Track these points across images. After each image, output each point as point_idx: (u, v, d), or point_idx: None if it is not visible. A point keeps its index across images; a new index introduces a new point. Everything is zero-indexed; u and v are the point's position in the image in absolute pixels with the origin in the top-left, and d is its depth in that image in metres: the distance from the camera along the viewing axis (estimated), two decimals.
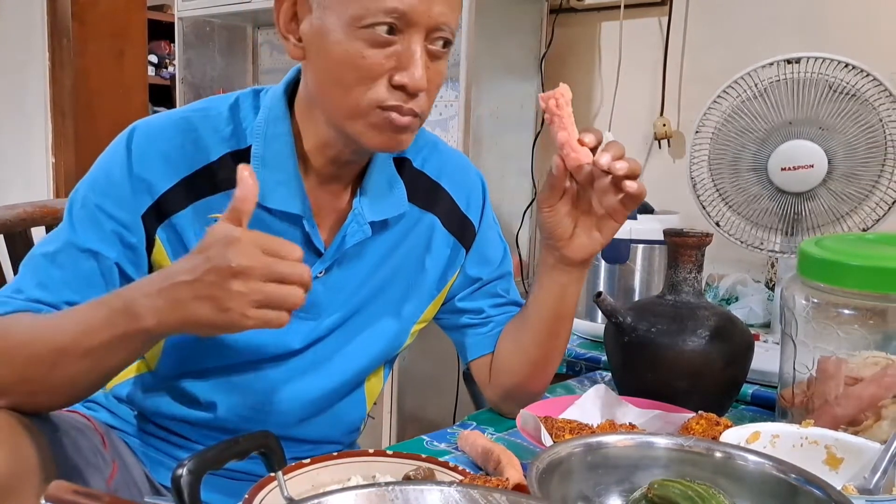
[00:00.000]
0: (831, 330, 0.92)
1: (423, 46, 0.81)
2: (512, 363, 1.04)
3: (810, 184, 1.33)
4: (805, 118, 1.33)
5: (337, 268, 0.93)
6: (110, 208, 0.85)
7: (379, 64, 0.80)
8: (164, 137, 0.87)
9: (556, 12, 2.10)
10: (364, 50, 0.80)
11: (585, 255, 0.94)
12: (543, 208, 0.92)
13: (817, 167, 1.31)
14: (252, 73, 2.73)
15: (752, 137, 1.37)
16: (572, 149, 0.87)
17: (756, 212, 1.40)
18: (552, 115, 0.87)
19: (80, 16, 3.28)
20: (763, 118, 1.36)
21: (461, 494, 0.59)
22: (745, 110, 1.37)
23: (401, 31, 0.80)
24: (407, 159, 1.00)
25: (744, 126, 1.38)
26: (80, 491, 0.56)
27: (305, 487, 0.78)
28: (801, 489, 0.67)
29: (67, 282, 0.82)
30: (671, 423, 0.94)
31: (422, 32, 0.81)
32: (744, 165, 1.39)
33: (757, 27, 1.83)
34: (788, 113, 1.33)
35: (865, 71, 1.28)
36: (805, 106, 1.32)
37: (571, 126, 0.87)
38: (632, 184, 0.85)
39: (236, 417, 0.94)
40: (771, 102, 1.35)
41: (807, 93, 1.32)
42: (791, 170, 1.32)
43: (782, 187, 1.35)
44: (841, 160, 1.32)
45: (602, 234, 0.92)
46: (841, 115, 1.31)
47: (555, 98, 0.87)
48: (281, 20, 0.86)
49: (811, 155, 1.31)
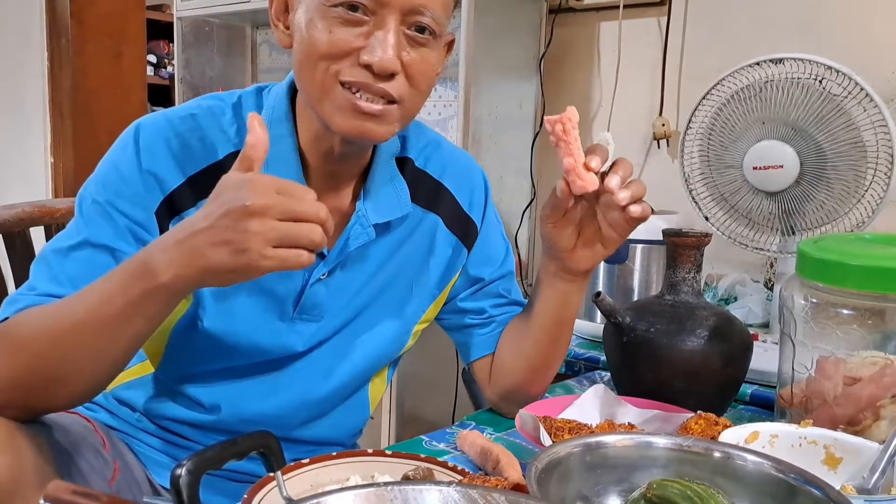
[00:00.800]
0: (830, 330, 0.92)
1: (398, 29, 0.80)
2: (512, 366, 1.04)
3: (781, 184, 1.33)
4: (778, 118, 1.33)
5: (340, 270, 0.93)
6: (123, 206, 0.84)
7: (346, 41, 0.80)
8: (171, 133, 0.87)
9: (555, 12, 2.10)
10: (334, 27, 0.80)
11: (588, 266, 0.94)
12: (546, 224, 0.91)
13: (787, 168, 1.31)
14: (251, 73, 2.73)
15: (731, 137, 1.38)
16: (579, 176, 0.85)
17: (741, 209, 1.41)
18: (558, 139, 0.85)
19: (79, 15, 3.27)
20: (741, 118, 1.37)
21: (460, 494, 0.59)
22: (729, 110, 1.38)
23: (373, 13, 0.79)
24: (409, 159, 1.00)
25: (725, 126, 1.39)
26: (78, 491, 0.56)
27: (304, 487, 0.78)
28: (799, 489, 0.67)
29: (82, 275, 0.80)
30: (670, 423, 0.94)
31: (395, 14, 0.79)
32: (726, 164, 1.41)
33: (756, 27, 1.83)
34: (765, 113, 1.34)
35: (846, 74, 1.28)
36: (779, 106, 1.33)
37: (578, 151, 0.85)
38: (636, 208, 0.85)
39: (238, 420, 0.94)
40: (751, 103, 1.36)
41: (784, 93, 1.32)
42: (762, 169, 1.33)
43: (757, 186, 1.36)
44: (812, 162, 1.32)
45: (605, 246, 0.91)
46: (815, 117, 1.31)
47: (561, 122, 0.85)
48: (273, 8, 0.87)
49: (782, 155, 1.32)
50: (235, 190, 0.68)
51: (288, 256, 0.68)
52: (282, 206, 0.68)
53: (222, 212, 0.68)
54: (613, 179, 0.84)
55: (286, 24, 0.86)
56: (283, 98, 0.90)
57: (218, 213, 0.68)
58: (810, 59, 1.29)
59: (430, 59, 0.84)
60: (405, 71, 0.82)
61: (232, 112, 0.90)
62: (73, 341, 0.74)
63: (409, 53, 0.81)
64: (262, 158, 0.71)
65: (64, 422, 0.86)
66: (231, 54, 2.68)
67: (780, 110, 1.32)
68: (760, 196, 1.38)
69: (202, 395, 0.93)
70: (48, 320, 0.76)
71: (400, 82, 0.82)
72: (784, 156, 1.32)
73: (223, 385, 0.93)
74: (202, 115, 0.89)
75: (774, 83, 1.32)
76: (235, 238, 0.67)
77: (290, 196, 0.69)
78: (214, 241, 0.68)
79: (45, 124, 3.36)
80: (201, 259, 0.69)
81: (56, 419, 0.84)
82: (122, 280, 0.73)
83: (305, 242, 0.69)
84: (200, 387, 0.93)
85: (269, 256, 0.68)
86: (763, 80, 1.34)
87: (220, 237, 0.68)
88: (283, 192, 0.69)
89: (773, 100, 1.33)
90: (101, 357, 0.76)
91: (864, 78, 1.27)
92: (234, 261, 0.68)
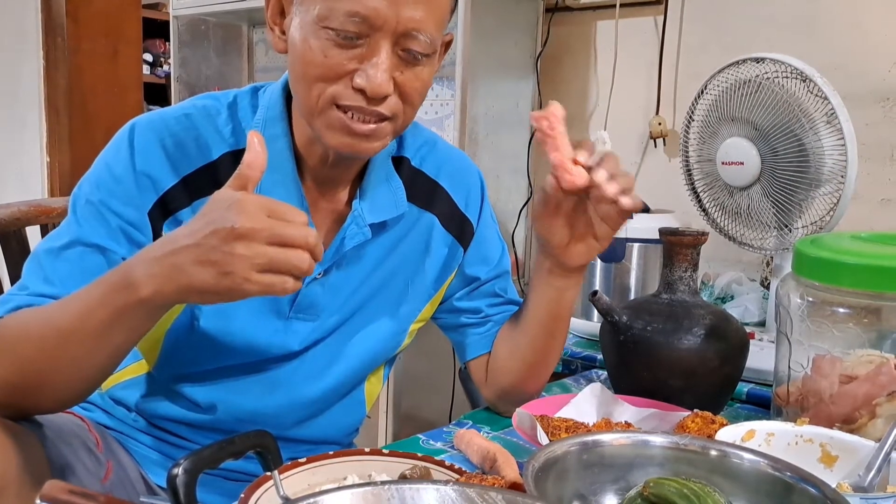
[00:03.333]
0: (826, 328, 0.92)
1: (392, 51, 0.80)
2: (509, 364, 1.04)
3: (743, 180, 1.37)
4: (745, 117, 1.36)
5: (336, 269, 0.93)
6: (116, 206, 0.84)
7: (340, 64, 0.79)
8: (166, 133, 0.86)
9: (552, 11, 2.10)
10: (328, 49, 0.79)
11: (583, 262, 0.94)
12: (538, 221, 0.92)
13: (748, 165, 1.34)
14: (247, 72, 2.73)
15: (709, 133, 1.40)
16: (566, 171, 0.85)
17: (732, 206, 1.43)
18: (545, 135, 0.86)
19: (75, 14, 3.26)
20: (721, 115, 1.39)
21: (457, 493, 0.59)
22: (716, 107, 1.40)
23: (366, 35, 0.79)
24: (405, 158, 0.99)
25: (707, 123, 1.41)
26: (75, 491, 0.56)
27: (301, 487, 0.78)
28: (796, 487, 0.68)
29: (74, 275, 0.80)
30: (667, 422, 0.94)
31: (388, 37, 0.79)
32: (712, 160, 1.43)
33: (752, 26, 1.84)
34: (736, 111, 1.37)
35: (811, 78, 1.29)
36: (748, 105, 1.35)
37: (565, 146, 0.86)
38: (626, 199, 0.85)
39: (235, 419, 0.94)
40: (731, 101, 1.38)
41: (755, 92, 1.34)
42: (727, 164, 1.38)
43: (726, 181, 1.40)
44: (769, 161, 1.35)
45: (599, 241, 0.91)
46: (774, 117, 1.33)
47: (547, 119, 0.86)
48: (269, 11, 0.87)
49: (744, 153, 1.35)
50: (225, 209, 0.67)
51: (273, 282, 0.67)
52: (270, 231, 0.66)
53: (209, 231, 0.67)
54: (600, 173, 0.84)
55: (282, 28, 0.86)
56: (279, 98, 0.90)
57: (204, 231, 0.67)
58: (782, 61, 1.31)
59: (424, 76, 0.84)
60: (398, 90, 0.82)
61: (227, 112, 0.90)
62: (57, 348, 0.74)
63: (402, 73, 0.81)
64: (258, 179, 0.70)
65: (57, 421, 0.86)
66: (227, 53, 2.67)
67: (749, 109, 1.36)
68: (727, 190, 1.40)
69: (198, 395, 0.93)
70: (36, 325, 0.76)
71: (393, 101, 0.82)
72: (746, 153, 1.36)
73: (219, 384, 0.93)
74: (197, 115, 0.89)
75: (753, 81, 1.34)
76: (220, 259, 0.66)
77: (281, 219, 0.67)
78: (199, 261, 0.67)
79: (41, 123, 3.35)
80: (183, 277, 0.68)
81: (49, 418, 0.84)
82: (103, 292, 0.72)
83: (291, 269, 0.67)
84: (197, 386, 0.93)
85: (254, 281, 0.66)
86: (746, 77, 1.36)
87: (205, 257, 0.67)
88: (273, 214, 0.67)
89: (749, 98, 1.35)
90: (84, 365, 0.76)
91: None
92: (217, 282, 0.67)
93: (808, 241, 0.97)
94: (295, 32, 0.82)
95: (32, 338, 0.75)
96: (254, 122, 0.89)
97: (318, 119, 0.83)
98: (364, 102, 0.80)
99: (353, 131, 0.81)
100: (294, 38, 0.82)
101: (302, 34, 0.80)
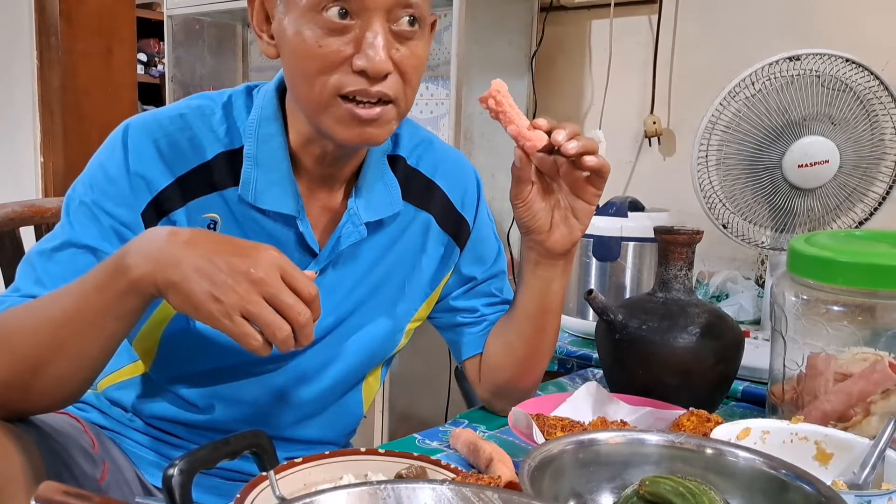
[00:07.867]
0: (821, 326, 0.92)
1: (385, 28, 0.80)
2: (501, 361, 1.04)
3: (823, 179, 1.35)
4: (814, 114, 1.34)
5: (332, 269, 0.93)
6: (109, 206, 0.84)
7: (337, 51, 0.79)
8: (160, 133, 0.86)
9: (547, 10, 2.10)
10: (322, 38, 0.79)
11: (568, 245, 0.94)
12: (517, 204, 0.92)
13: (832, 162, 1.33)
14: (242, 71, 2.72)
15: (758, 136, 1.38)
16: (525, 137, 0.87)
17: (754, 210, 1.41)
18: (496, 112, 0.88)
19: (68, 14, 3.25)
20: (769, 116, 1.37)
21: (453, 492, 0.59)
22: (751, 109, 1.38)
23: (357, 14, 0.79)
24: (401, 157, 0.99)
25: (747, 125, 1.38)
26: (70, 492, 0.56)
27: (297, 486, 0.78)
28: (791, 485, 0.68)
29: (65, 276, 0.80)
30: (662, 420, 0.94)
31: (380, 13, 0.79)
32: (755, 164, 1.40)
33: (746, 25, 1.84)
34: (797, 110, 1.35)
35: (863, 66, 1.29)
36: (812, 102, 1.34)
37: (519, 117, 0.88)
38: (591, 158, 0.86)
39: (232, 420, 0.94)
40: (775, 100, 1.35)
41: (811, 89, 1.33)
42: (808, 166, 1.34)
43: (797, 184, 1.36)
44: (849, 155, 1.34)
45: (580, 220, 0.92)
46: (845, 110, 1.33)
47: (492, 97, 0.88)
48: (254, 20, 0.87)
49: (826, 151, 1.33)
50: (256, 251, 0.71)
51: (248, 333, 0.70)
52: (272, 288, 0.69)
53: (231, 256, 0.70)
54: (560, 134, 0.85)
55: (269, 34, 0.86)
56: (272, 97, 0.90)
57: (226, 251, 0.70)
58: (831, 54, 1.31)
59: (419, 52, 0.84)
60: (397, 69, 0.81)
61: (222, 112, 0.90)
62: (51, 338, 0.75)
63: (398, 50, 0.81)
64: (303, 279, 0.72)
65: (53, 422, 0.86)
66: (222, 52, 2.67)
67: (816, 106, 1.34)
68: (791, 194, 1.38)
69: (194, 395, 0.93)
70: (29, 319, 0.76)
71: (394, 80, 0.82)
72: (828, 151, 1.33)
73: (215, 385, 0.93)
74: (191, 115, 0.88)
75: (794, 78, 1.33)
76: (221, 284, 0.69)
77: (289, 281, 0.70)
78: (202, 272, 0.70)
79: (35, 123, 3.34)
80: (178, 275, 0.70)
81: (45, 419, 0.84)
82: (97, 277, 0.74)
83: (270, 332, 0.70)
84: (193, 386, 0.93)
85: (233, 321, 0.69)
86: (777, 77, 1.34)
87: (209, 272, 0.69)
88: (285, 276, 0.70)
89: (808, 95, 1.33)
90: (77, 357, 0.76)
91: None
92: (204, 300, 0.69)
93: (802, 239, 0.98)
94: (286, 31, 0.82)
95: (27, 330, 0.76)
96: (248, 121, 0.89)
97: (325, 114, 0.82)
98: (367, 84, 0.80)
99: (360, 118, 0.81)
100: (286, 38, 0.82)
101: (293, 29, 0.80)
